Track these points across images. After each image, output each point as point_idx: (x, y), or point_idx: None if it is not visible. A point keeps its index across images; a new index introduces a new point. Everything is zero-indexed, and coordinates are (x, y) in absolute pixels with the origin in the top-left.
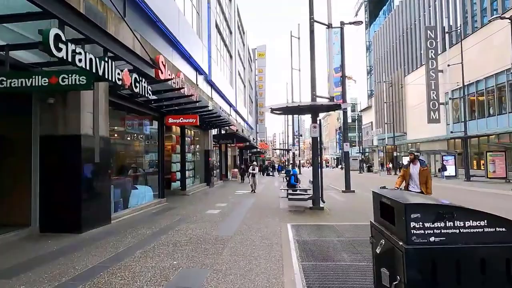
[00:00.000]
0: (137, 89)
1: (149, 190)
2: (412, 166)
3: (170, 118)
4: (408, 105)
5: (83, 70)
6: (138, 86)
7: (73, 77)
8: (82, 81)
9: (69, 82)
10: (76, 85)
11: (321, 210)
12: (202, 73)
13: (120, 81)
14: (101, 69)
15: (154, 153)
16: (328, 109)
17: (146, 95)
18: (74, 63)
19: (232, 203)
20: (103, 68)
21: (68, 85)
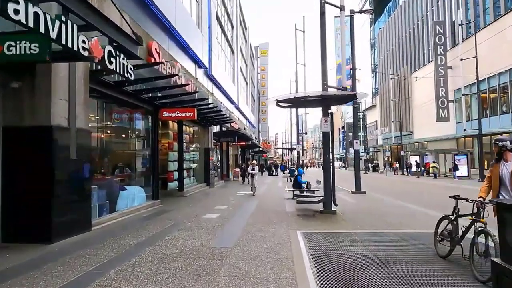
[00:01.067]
0: (113, 66)
1: (140, 191)
2: (504, 164)
3: (164, 112)
4: (415, 104)
5: (34, 34)
6: (115, 62)
7: (22, 45)
8: (34, 50)
9: (17, 51)
10: (27, 55)
11: (334, 214)
12: (202, 67)
13: (87, 51)
14: (55, 30)
15: (147, 150)
16: (341, 100)
17: (126, 74)
18: (5, 13)
19: (233, 206)
20: (58, 30)
21: (16, 55)
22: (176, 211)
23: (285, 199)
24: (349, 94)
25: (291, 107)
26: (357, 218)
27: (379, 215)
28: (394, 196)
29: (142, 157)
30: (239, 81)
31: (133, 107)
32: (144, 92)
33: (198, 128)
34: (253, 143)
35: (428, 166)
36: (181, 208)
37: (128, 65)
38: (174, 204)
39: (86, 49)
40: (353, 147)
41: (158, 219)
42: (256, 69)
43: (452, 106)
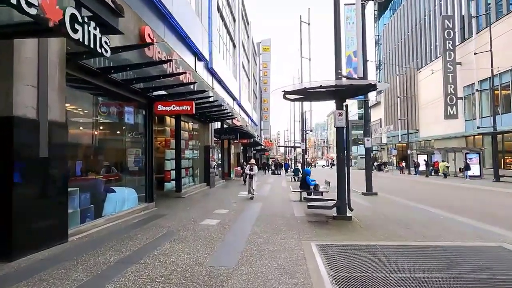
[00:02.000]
0: (78, 36)
1: (132, 193)
2: None
3: (159, 105)
4: (421, 101)
5: None
6: (81, 32)
7: None
8: None
9: None
10: None
11: (349, 220)
12: (202, 59)
13: (35, 9)
14: None
15: (140, 147)
16: (358, 91)
17: (99, 49)
18: None
19: (235, 210)
20: None
21: None
22: (171, 215)
23: (291, 201)
24: (367, 84)
25: (299, 100)
26: (377, 226)
27: (401, 221)
28: (410, 198)
29: (135, 155)
30: (241, 77)
31: (124, 99)
32: (135, 81)
33: (197, 124)
34: (255, 141)
35: (437, 165)
36: (177, 212)
37: (102, 37)
38: (170, 207)
39: (34, 5)
40: (363, 145)
41: (150, 226)
42: (258, 66)
43: (460, 103)
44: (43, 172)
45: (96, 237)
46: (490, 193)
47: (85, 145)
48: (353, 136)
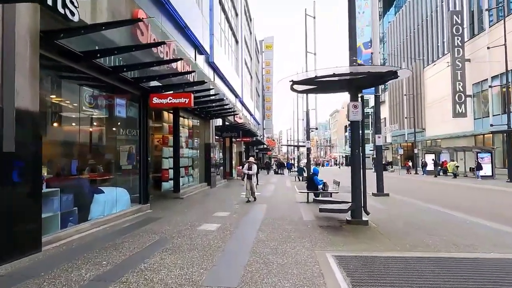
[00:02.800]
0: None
1: (124, 194)
2: None
3: (155, 98)
4: (427, 99)
5: None
6: None
7: None
8: None
9: None
10: None
11: (365, 225)
12: (203, 52)
13: None
14: None
15: (133, 144)
16: (376, 80)
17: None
18: None
19: (237, 212)
20: None
21: None
22: (166, 219)
23: (298, 203)
24: (388, 71)
25: (308, 92)
26: (398, 232)
27: (423, 227)
28: (425, 200)
29: (128, 152)
30: (243, 73)
31: (114, 90)
32: (126, 69)
33: (198, 121)
34: (258, 140)
35: (445, 165)
36: (174, 215)
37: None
38: (166, 209)
39: None
40: (373, 143)
41: (141, 232)
42: (261, 64)
43: (469, 101)
44: (7, 170)
45: (77, 245)
46: (508, 194)
47: (68, 140)
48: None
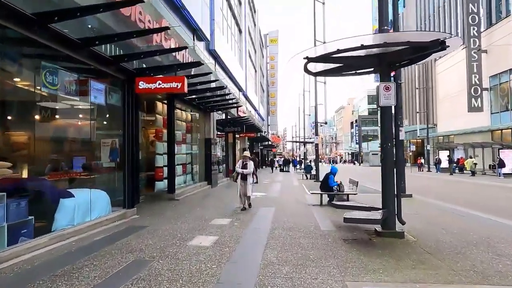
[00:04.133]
0: None
1: (102, 198)
2: None
3: (141, 82)
4: (439, 94)
5: None
6: None
7: None
8: None
9: None
10: None
11: (401, 238)
12: (202, 38)
13: None
14: None
15: (116, 137)
16: (416, 53)
17: None
18: None
19: (240, 219)
20: None
21: None
22: (152, 228)
23: (310, 206)
24: (433, 41)
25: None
26: (447, 249)
27: (477, 241)
28: (455, 202)
29: (111, 147)
30: (247, 66)
31: (89, 71)
32: (98, 41)
33: (197, 114)
34: (263, 136)
35: (462, 162)
36: (163, 223)
37: None
38: (156, 214)
39: None
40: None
41: (113, 250)
42: (265, 58)
43: (485, 94)
44: None
45: (18, 271)
46: None
47: (25, 131)
48: (363, 132)
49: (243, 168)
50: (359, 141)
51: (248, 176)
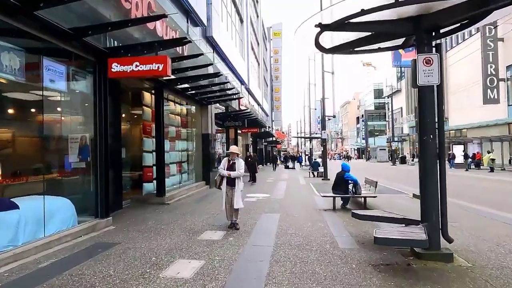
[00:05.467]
0: None
1: (64, 207)
2: None
3: (114, 64)
4: (451, 85)
5: None
6: None
7: None
8: None
9: None
10: None
11: (449, 261)
12: (198, 23)
13: None
14: None
15: (87, 132)
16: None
17: None
18: None
19: (236, 232)
20: None
21: None
22: (123, 247)
23: (321, 212)
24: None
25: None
26: None
27: None
28: (491, 205)
29: (80, 144)
30: (249, 58)
31: (50, 52)
32: (43, 4)
33: (193, 107)
34: (266, 132)
35: (478, 157)
36: (139, 238)
37: None
38: (136, 224)
39: None
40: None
41: (54, 285)
42: (269, 52)
43: (502, 85)
44: None
45: None
46: None
47: None
48: (369, 127)
49: (229, 169)
50: (365, 136)
51: (237, 181)
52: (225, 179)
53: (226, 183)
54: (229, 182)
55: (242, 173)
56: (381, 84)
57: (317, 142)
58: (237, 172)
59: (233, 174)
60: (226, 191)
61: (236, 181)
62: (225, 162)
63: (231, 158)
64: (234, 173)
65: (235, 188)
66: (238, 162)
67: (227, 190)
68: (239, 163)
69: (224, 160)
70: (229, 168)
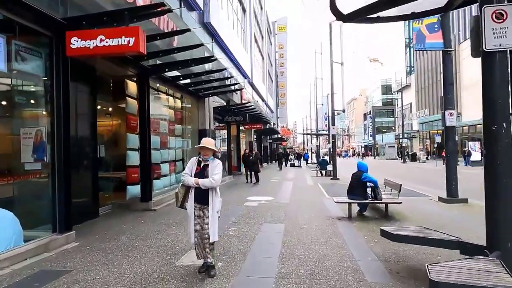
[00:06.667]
0: None
1: (3, 222)
2: None
3: (74, 39)
4: (464, 79)
5: None
6: None
7: None
8: None
9: None
10: None
11: None
12: (193, 6)
13: None
14: None
15: (41, 126)
16: None
17: None
18: None
19: (228, 253)
20: None
21: None
22: (72, 279)
23: (335, 221)
24: None
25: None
26: None
27: None
28: None
29: (35, 140)
30: (253, 51)
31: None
32: None
33: (188, 99)
34: (271, 128)
35: None
36: (100, 262)
37: None
38: (103, 239)
39: None
40: (443, 123)
41: None
42: (274, 47)
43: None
44: None
45: None
46: None
47: None
48: (377, 124)
49: (197, 176)
50: (373, 133)
51: (211, 195)
52: (192, 191)
53: (194, 198)
54: (198, 197)
55: (219, 182)
56: (389, 80)
57: (323, 140)
58: (210, 180)
59: (202, 183)
60: (195, 211)
61: (210, 195)
62: (192, 164)
63: (203, 157)
64: (206, 182)
65: (208, 208)
66: (212, 165)
67: (196, 211)
68: (214, 166)
69: (192, 161)
70: (199, 173)
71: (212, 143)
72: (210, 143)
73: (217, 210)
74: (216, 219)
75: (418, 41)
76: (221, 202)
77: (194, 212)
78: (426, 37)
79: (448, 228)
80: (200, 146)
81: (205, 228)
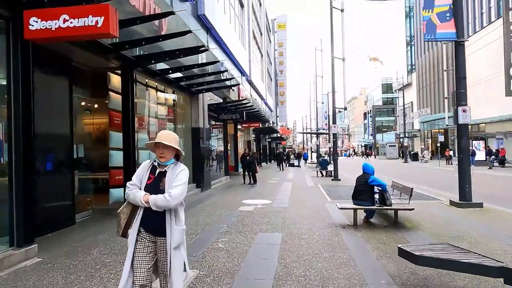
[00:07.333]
0: None
1: None
2: None
3: (33, 19)
4: (468, 77)
5: None
6: None
7: None
8: None
9: None
10: None
11: None
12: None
13: None
14: None
15: None
16: None
17: None
18: None
19: (214, 270)
20: None
21: None
22: None
23: (339, 229)
24: None
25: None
26: None
27: None
28: None
29: None
30: (251, 48)
31: None
32: None
33: (180, 95)
34: (270, 127)
35: (503, 154)
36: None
37: None
38: (70, 254)
39: None
40: (456, 120)
41: None
42: (273, 45)
43: None
44: None
45: None
46: None
47: None
48: (377, 123)
49: (148, 189)
50: (373, 133)
51: (169, 217)
52: (140, 211)
53: (140, 222)
54: (148, 223)
55: (180, 199)
56: (390, 79)
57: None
58: (165, 197)
59: (154, 201)
60: (139, 242)
61: (168, 220)
62: (144, 171)
63: (159, 161)
64: (159, 199)
65: (165, 240)
66: (173, 172)
67: (146, 244)
68: (174, 174)
69: (143, 166)
70: (151, 185)
71: (173, 138)
72: (170, 138)
73: (176, 245)
74: (181, 255)
75: (429, 31)
76: (184, 232)
77: (138, 243)
78: (437, 27)
79: (468, 240)
80: (154, 142)
81: (168, 269)
